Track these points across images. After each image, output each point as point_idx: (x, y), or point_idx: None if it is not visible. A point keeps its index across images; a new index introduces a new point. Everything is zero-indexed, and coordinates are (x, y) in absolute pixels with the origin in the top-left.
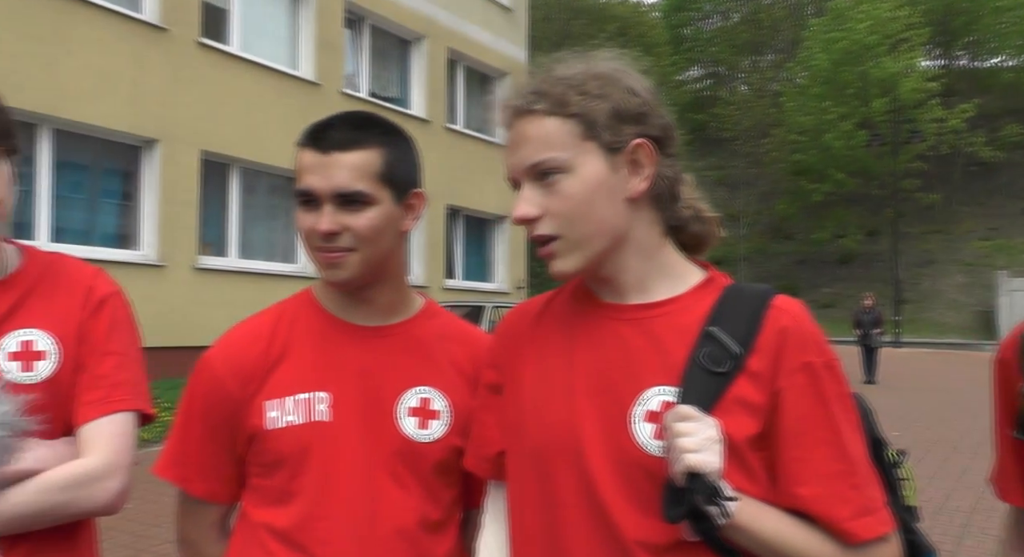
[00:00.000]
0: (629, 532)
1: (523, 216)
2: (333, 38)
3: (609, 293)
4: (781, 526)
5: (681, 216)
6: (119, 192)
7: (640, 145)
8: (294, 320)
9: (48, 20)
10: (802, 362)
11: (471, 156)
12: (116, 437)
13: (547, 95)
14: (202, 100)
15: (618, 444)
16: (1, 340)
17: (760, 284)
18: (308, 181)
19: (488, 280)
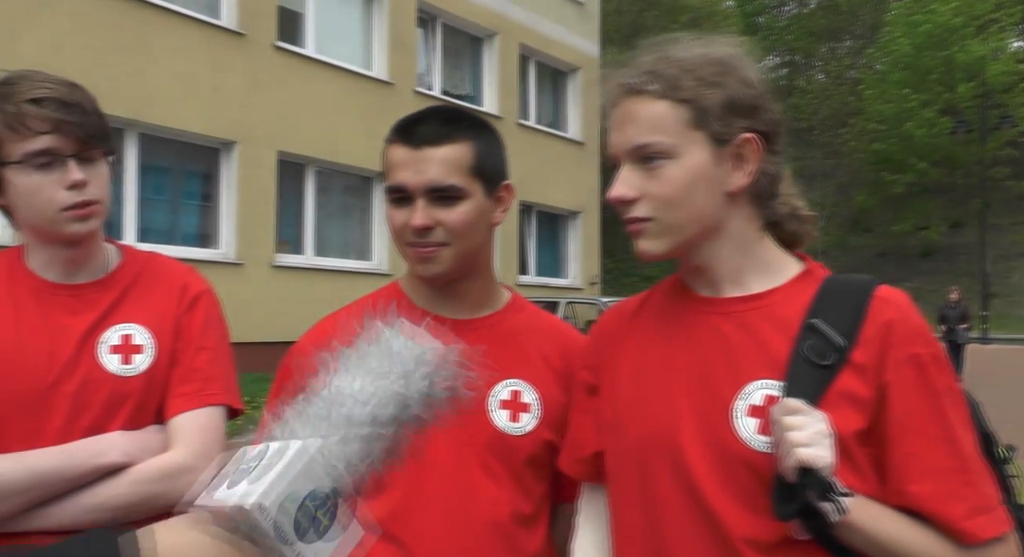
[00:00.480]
0: (735, 530)
1: (620, 196)
2: (406, 37)
3: (705, 286)
4: (894, 525)
5: (778, 213)
6: (199, 193)
7: (748, 140)
8: (382, 313)
9: (134, 30)
10: (909, 354)
11: (543, 152)
12: (206, 430)
13: (661, 77)
14: (279, 102)
15: (720, 440)
16: (103, 334)
17: (861, 275)
18: (400, 177)
19: (561, 276)
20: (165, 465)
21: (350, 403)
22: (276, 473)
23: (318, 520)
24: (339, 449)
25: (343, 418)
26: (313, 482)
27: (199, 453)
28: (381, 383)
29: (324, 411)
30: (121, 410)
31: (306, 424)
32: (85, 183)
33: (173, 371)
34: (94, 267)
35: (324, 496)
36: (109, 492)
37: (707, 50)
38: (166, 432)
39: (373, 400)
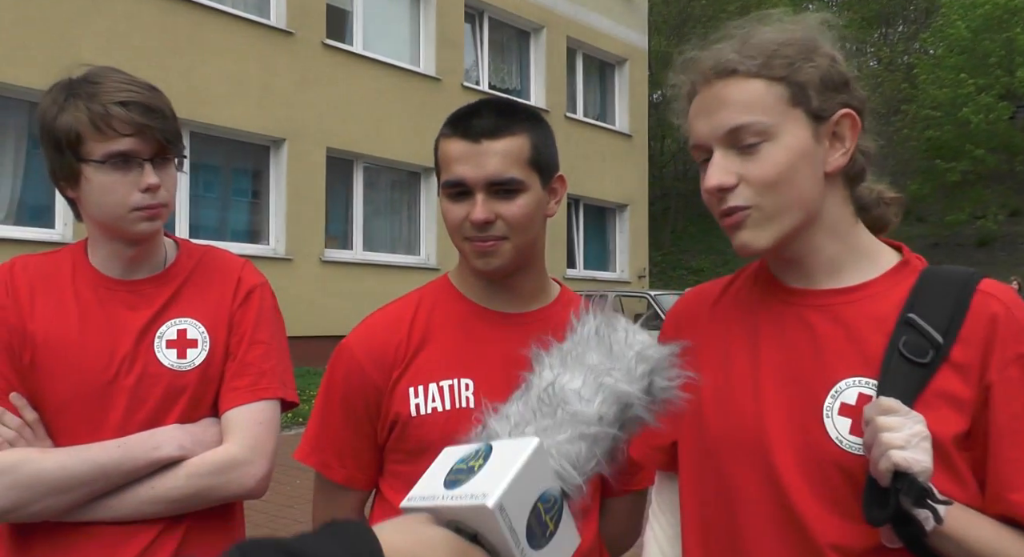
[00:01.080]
0: (822, 535)
1: (720, 185)
2: (453, 33)
3: (796, 277)
4: (992, 534)
5: (865, 197)
6: (249, 190)
7: (847, 115)
8: (433, 307)
9: (185, 31)
10: (1016, 353)
11: (591, 145)
12: (260, 424)
13: (751, 55)
14: (327, 99)
15: (810, 439)
16: (160, 329)
17: (962, 267)
18: (459, 171)
19: (609, 269)
20: (219, 459)
21: (575, 400)
22: (516, 472)
23: (546, 524)
24: (567, 449)
25: (570, 416)
26: (546, 482)
27: (253, 447)
28: (605, 381)
29: (549, 409)
30: (177, 404)
31: (531, 421)
32: (159, 186)
33: (227, 365)
34: (153, 263)
35: (554, 499)
36: (166, 485)
37: (793, 27)
38: (220, 425)
39: (598, 398)
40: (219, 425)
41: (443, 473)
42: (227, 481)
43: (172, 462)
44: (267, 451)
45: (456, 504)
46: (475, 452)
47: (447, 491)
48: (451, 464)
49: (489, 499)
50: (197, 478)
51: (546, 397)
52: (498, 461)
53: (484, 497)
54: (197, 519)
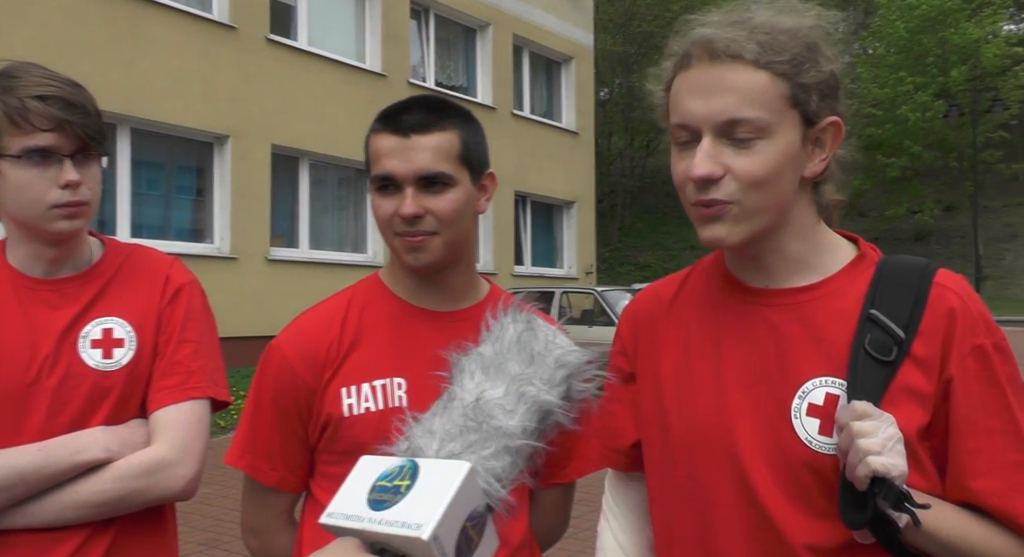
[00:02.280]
0: (795, 535)
1: (708, 175)
2: (399, 29)
3: (757, 276)
4: (960, 524)
5: (823, 200)
6: (192, 187)
7: (833, 123)
8: (365, 306)
9: (124, 24)
10: (973, 345)
11: (537, 142)
12: (189, 424)
13: (761, 43)
14: (272, 95)
15: (779, 440)
16: (84, 328)
17: (916, 257)
18: (388, 165)
19: (557, 266)
20: (147, 460)
21: (498, 413)
22: (449, 501)
23: (471, 539)
24: (493, 464)
25: (495, 430)
26: (474, 503)
27: (182, 447)
28: (527, 390)
29: (474, 424)
30: (103, 405)
31: (456, 437)
32: (79, 183)
33: (155, 364)
34: (77, 262)
35: (479, 515)
36: (90, 489)
37: (801, 20)
38: (149, 426)
39: (521, 409)
40: (147, 426)
41: (366, 490)
42: (155, 483)
43: (98, 465)
44: (197, 451)
45: (386, 531)
46: (400, 469)
47: (374, 513)
48: (373, 479)
49: (424, 531)
50: (123, 481)
51: (471, 412)
52: (428, 485)
53: (419, 528)
54: (126, 523)
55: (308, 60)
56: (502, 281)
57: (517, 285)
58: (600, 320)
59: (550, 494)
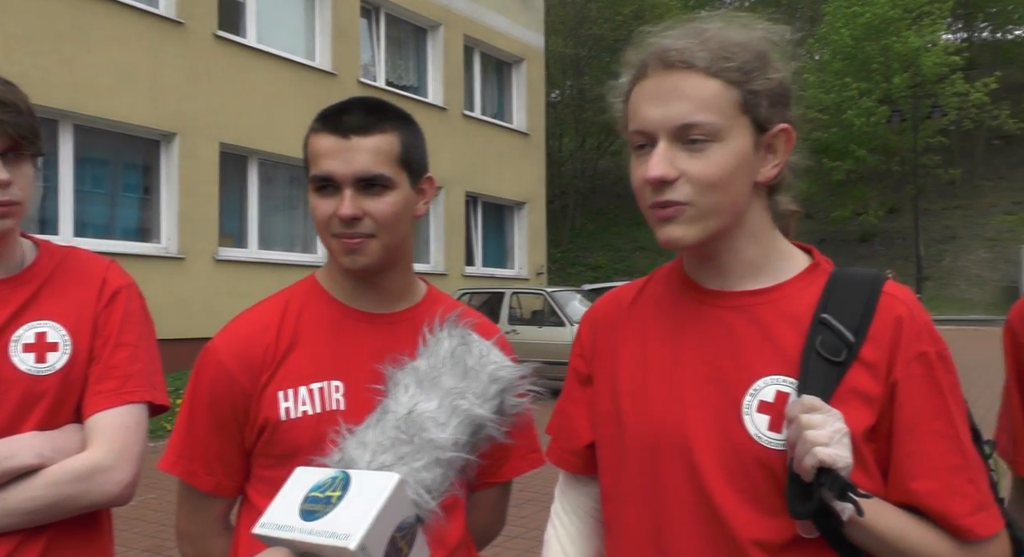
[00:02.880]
0: (743, 531)
1: (662, 176)
2: (349, 28)
3: (713, 279)
4: (900, 522)
5: (778, 208)
6: (139, 186)
7: (784, 130)
8: (302, 308)
9: (66, 17)
10: (918, 352)
11: (489, 143)
12: (126, 428)
13: (713, 54)
14: (220, 93)
15: (730, 436)
16: (16, 332)
17: (866, 269)
18: (327, 166)
19: (508, 266)
20: (81, 465)
21: (431, 426)
22: (377, 512)
23: (400, 549)
24: (424, 476)
25: (426, 442)
26: (403, 513)
27: (118, 452)
28: (459, 404)
29: (406, 436)
30: (35, 410)
31: (388, 448)
32: (9, 183)
33: (91, 369)
34: (9, 264)
35: (409, 525)
36: (22, 495)
37: (751, 33)
38: (84, 432)
39: (453, 422)
40: (82, 431)
41: (298, 500)
42: (89, 488)
43: (30, 471)
44: (133, 456)
45: (316, 541)
46: (332, 480)
47: (305, 523)
48: (306, 490)
49: (352, 541)
50: (56, 486)
51: (404, 425)
52: (358, 496)
53: (347, 538)
54: (59, 530)
55: (257, 57)
56: (453, 281)
57: (468, 286)
58: (550, 321)
59: (487, 494)
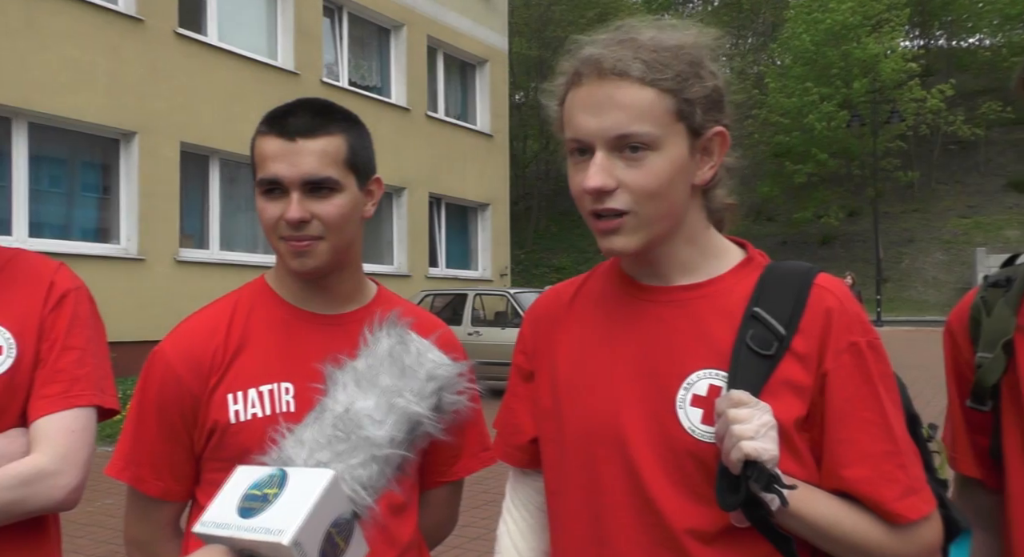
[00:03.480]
0: (677, 520)
1: (600, 187)
2: (311, 27)
3: (650, 276)
4: (831, 509)
5: (714, 204)
6: (97, 185)
7: (719, 133)
8: (251, 310)
9: (20, 13)
10: (848, 342)
11: (452, 144)
12: (72, 433)
13: (646, 62)
14: (180, 91)
15: (664, 430)
16: None
17: (800, 262)
18: (274, 169)
19: (471, 268)
20: (25, 470)
21: (368, 424)
22: (311, 507)
23: (337, 545)
24: (360, 473)
25: (363, 440)
26: (339, 509)
27: (63, 456)
28: (396, 402)
29: (343, 433)
30: None
31: (325, 446)
32: None
33: (37, 373)
34: None
35: (345, 521)
36: None
37: (682, 36)
38: (29, 436)
39: (390, 420)
40: (27, 436)
41: (237, 498)
42: (33, 493)
43: None
44: (79, 461)
45: (251, 537)
46: (269, 478)
47: (243, 521)
48: (245, 489)
49: (285, 536)
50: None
51: (340, 423)
52: (293, 493)
53: (280, 534)
54: (4, 535)
55: (218, 56)
56: (416, 283)
57: (431, 287)
58: (513, 322)
59: (438, 493)
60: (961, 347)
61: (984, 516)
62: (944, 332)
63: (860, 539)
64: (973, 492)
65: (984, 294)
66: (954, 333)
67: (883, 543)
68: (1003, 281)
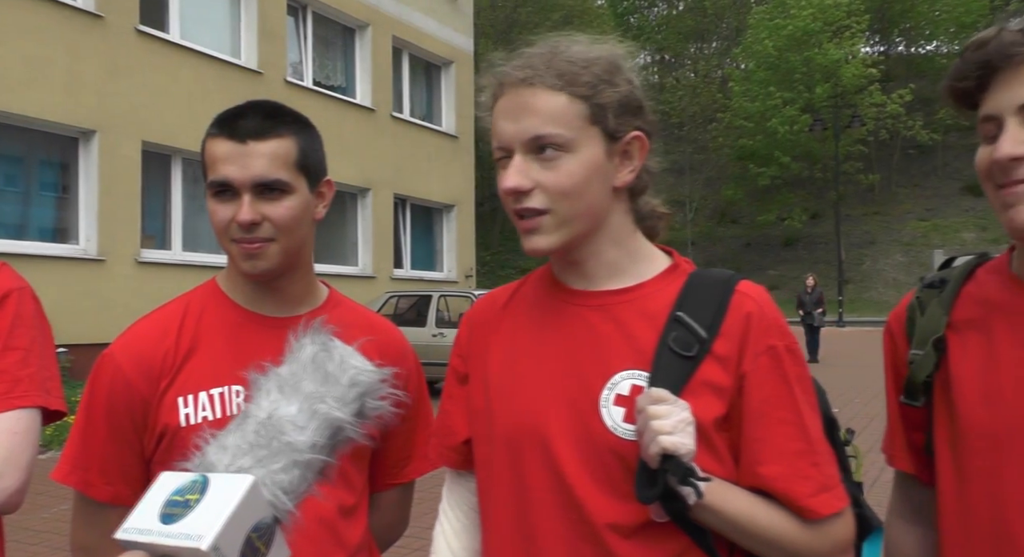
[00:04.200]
0: (598, 516)
1: (516, 187)
2: (275, 26)
3: (578, 279)
4: (747, 505)
5: (642, 209)
6: (55, 185)
7: (637, 137)
8: (202, 312)
9: None
10: (766, 345)
11: (417, 145)
12: (14, 434)
13: (560, 71)
14: (142, 89)
15: (588, 428)
16: None
17: (723, 270)
18: (225, 171)
19: (436, 269)
20: None
21: (290, 430)
22: (230, 513)
23: (257, 549)
24: (281, 478)
25: (285, 446)
26: (259, 514)
27: (4, 459)
28: (319, 408)
29: (265, 439)
30: None
31: (248, 452)
32: None
33: None
34: None
35: (266, 526)
36: None
37: (597, 49)
38: None
39: (312, 425)
40: None
41: (159, 504)
42: None
43: None
44: (21, 463)
45: (172, 543)
46: (191, 484)
47: (164, 526)
48: (167, 494)
49: (204, 541)
50: None
51: (263, 429)
52: (214, 498)
53: (199, 539)
54: None
55: (180, 54)
56: (381, 284)
57: (396, 289)
58: None
59: (389, 495)
60: (898, 345)
61: (921, 511)
62: (884, 331)
63: (774, 534)
64: (910, 488)
65: (920, 294)
66: (892, 332)
67: (796, 538)
68: (938, 282)
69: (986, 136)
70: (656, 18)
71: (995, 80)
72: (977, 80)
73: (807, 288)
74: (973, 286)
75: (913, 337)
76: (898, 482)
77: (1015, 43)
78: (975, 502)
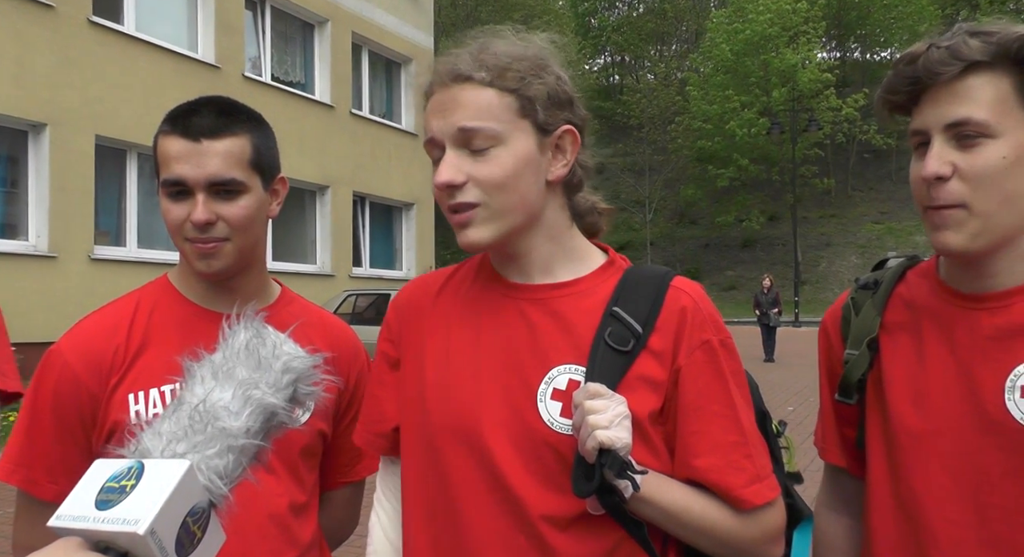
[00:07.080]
0: (534, 507)
1: (449, 181)
2: (233, 20)
3: (515, 273)
4: (681, 496)
5: (581, 205)
6: (4, 179)
7: (568, 131)
8: (153, 309)
9: None
10: (701, 340)
11: (377, 142)
12: None
13: (487, 66)
14: (95, 83)
15: (525, 422)
16: None
17: (659, 266)
18: (178, 170)
19: (396, 268)
20: None
21: (224, 415)
22: (167, 497)
23: (193, 533)
24: (216, 463)
25: (219, 431)
26: (195, 499)
27: None
28: (252, 394)
29: (200, 425)
30: None
31: (182, 438)
32: None
33: None
34: None
35: (202, 510)
36: None
37: (527, 45)
38: None
39: (245, 411)
40: None
41: (95, 491)
42: None
43: None
44: None
45: (107, 529)
46: (127, 470)
47: (99, 513)
48: (103, 481)
49: (140, 526)
50: None
51: (197, 415)
52: (150, 483)
53: (136, 523)
54: None
55: (135, 46)
56: (340, 283)
57: (355, 287)
58: None
59: (340, 493)
60: (833, 344)
61: (851, 503)
62: (820, 330)
63: (708, 524)
64: (840, 481)
65: (854, 295)
66: (828, 331)
67: (730, 527)
68: (871, 283)
69: (916, 147)
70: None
71: (924, 96)
72: (907, 95)
73: (764, 288)
74: (904, 288)
75: (848, 337)
76: (828, 474)
77: (942, 62)
78: (904, 496)
